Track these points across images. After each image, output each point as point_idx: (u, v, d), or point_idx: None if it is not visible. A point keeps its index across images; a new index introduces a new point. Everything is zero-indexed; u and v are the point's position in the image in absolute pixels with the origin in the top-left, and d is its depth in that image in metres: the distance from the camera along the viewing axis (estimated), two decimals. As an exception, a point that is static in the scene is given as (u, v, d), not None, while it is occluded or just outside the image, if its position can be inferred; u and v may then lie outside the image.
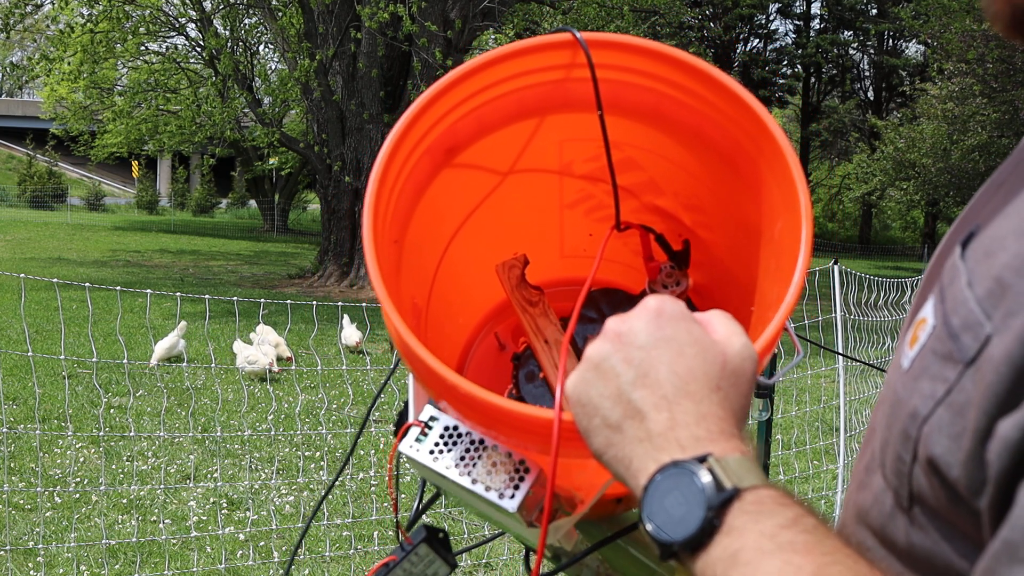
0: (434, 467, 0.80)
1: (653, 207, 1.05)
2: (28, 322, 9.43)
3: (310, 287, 15.43)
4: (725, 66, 36.02)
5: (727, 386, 0.63)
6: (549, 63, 0.93)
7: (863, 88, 43.25)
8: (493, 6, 14.67)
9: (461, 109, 0.93)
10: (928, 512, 0.55)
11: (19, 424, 6.12)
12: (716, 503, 0.56)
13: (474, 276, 1.10)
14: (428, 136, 0.93)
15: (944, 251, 0.63)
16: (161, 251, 21.16)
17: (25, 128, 41.73)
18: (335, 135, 15.48)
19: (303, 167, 28.94)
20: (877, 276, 6.44)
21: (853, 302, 5.49)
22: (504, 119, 0.98)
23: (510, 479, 0.79)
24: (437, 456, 0.81)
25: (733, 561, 0.54)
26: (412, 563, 0.87)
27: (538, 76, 0.94)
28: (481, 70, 0.91)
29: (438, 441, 0.82)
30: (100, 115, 25.59)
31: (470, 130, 0.96)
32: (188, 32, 19.46)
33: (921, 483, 0.55)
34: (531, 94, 0.95)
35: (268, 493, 5.15)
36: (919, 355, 0.56)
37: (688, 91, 0.91)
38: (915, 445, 0.55)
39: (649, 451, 0.61)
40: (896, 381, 0.58)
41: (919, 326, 0.57)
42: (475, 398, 0.76)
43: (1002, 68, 21.62)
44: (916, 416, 0.54)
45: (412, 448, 0.82)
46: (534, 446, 0.78)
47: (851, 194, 34.84)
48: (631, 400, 0.62)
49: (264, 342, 7.89)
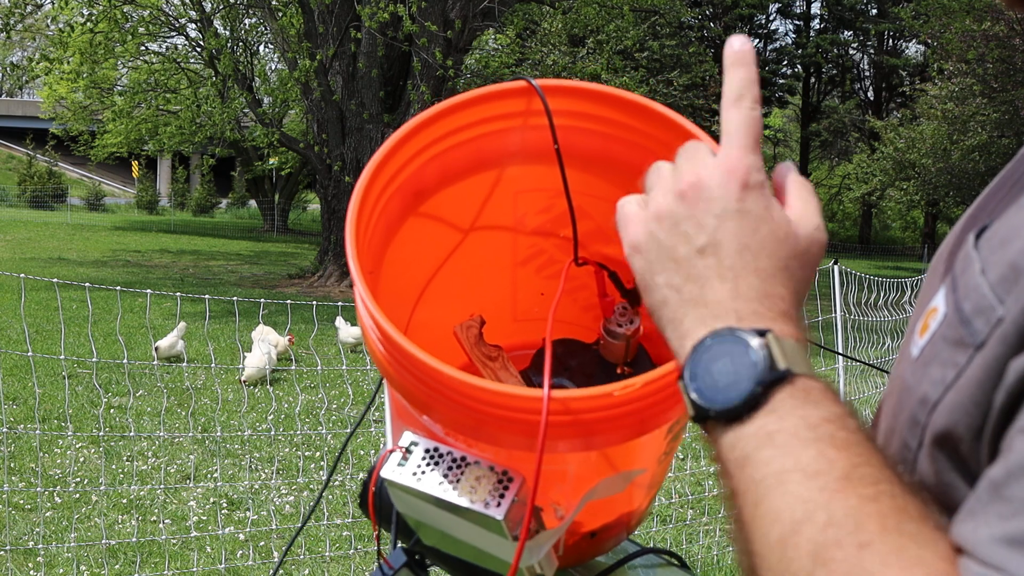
0: (418, 487, 0.80)
1: (602, 255, 1.06)
2: (28, 322, 9.43)
3: (310, 287, 15.43)
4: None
5: (795, 267, 0.61)
6: (506, 111, 0.96)
7: (863, 88, 43.25)
8: (493, 6, 14.67)
9: (427, 153, 0.95)
10: (931, 499, 0.54)
11: (19, 424, 6.12)
12: (767, 380, 0.55)
13: (435, 336, 1.10)
14: (399, 175, 0.94)
15: (954, 245, 0.63)
16: (161, 251, 21.16)
17: (25, 128, 41.72)
18: (335, 135, 15.48)
19: (303, 167, 28.93)
20: (877, 276, 6.44)
21: (853, 302, 5.49)
22: (465, 168, 1.00)
23: (494, 489, 0.79)
24: (420, 477, 0.81)
25: (768, 441, 0.53)
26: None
27: (496, 124, 0.97)
28: (442, 116, 0.94)
29: (419, 463, 0.82)
30: (100, 115, 25.60)
31: (435, 176, 0.98)
32: (188, 32, 19.46)
33: (925, 470, 0.55)
34: (489, 143, 0.98)
35: (268, 493, 5.15)
36: (929, 343, 0.56)
37: (636, 130, 0.94)
38: (923, 431, 0.55)
39: (704, 316, 0.59)
40: (905, 369, 0.58)
41: (930, 315, 0.57)
42: (460, 382, 0.75)
43: (1002, 68, 21.63)
44: (926, 402, 0.54)
45: (394, 472, 0.82)
46: (520, 439, 0.78)
47: (851, 194, 34.86)
48: (696, 265, 0.61)
49: (264, 341, 7.90)
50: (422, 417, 0.82)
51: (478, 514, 0.78)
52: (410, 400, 0.82)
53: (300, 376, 7.92)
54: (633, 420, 0.79)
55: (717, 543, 4.68)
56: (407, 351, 0.77)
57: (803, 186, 0.65)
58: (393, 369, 0.82)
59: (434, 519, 0.84)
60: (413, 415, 0.84)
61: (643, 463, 0.91)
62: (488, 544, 0.82)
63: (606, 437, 0.79)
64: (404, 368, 0.80)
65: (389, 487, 0.83)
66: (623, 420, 0.78)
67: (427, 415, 0.81)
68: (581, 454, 0.81)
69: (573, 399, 0.75)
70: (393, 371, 0.82)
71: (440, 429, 0.82)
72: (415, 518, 0.86)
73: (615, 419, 0.78)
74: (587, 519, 0.92)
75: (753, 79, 0.65)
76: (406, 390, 0.82)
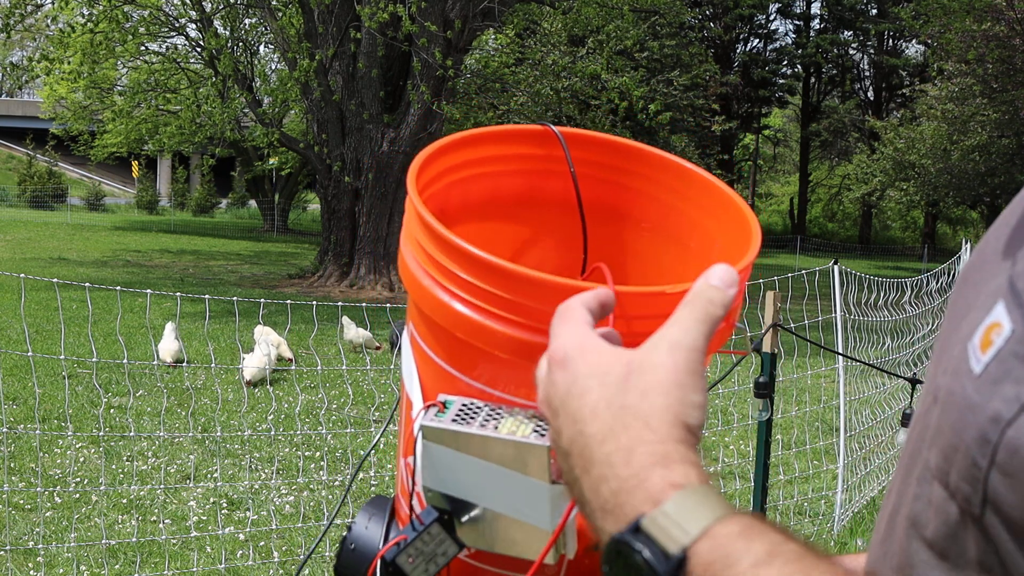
0: (459, 429, 0.81)
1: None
2: (28, 322, 9.42)
3: (310, 287, 15.43)
4: (725, 66, 36.04)
5: (636, 395, 0.58)
6: (523, 152, 1.03)
7: (863, 88, 43.26)
8: (493, 6, 14.67)
9: (452, 175, 1.01)
10: (1003, 518, 0.52)
11: (19, 424, 6.12)
12: (669, 571, 0.52)
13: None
14: (437, 181, 1.00)
15: (992, 243, 0.61)
16: (161, 251, 21.16)
17: (25, 128, 41.73)
18: (335, 135, 15.48)
19: (303, 167, 28.94)
20: (877, 276, 6.44)
21: (853, 302, 5.48)
22: (479, 205, 1.04)
23: (535, 429, 0.80)
24: (460, 424, 0.82)
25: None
26: (424, 542, 0.87)
27: (513, 164, 1.04)
28: (469, 143, 1.00)
29: (458, 413, 0.83)
30: (100, 115, 25.60)
31: (456, 202, 1.03)
32: (188, 32, 19.45)
33: (998, 489, 0.53)
34: (508, 181, 1.03)
35: (268, 493, 5.15)
36: (995, 359, 0.53)
37: (633, 173, 1.03)
38: (995, 449, 0.52)
39: (601, 515, 0.57)
40: (967, 386, 0.55)
41: (991, 331, 0.54)
42: (514, 272, 0.78)
43: (1002, 68, 21.62)
44: (999, 420, 0.52)
45: (433, 420, 0.83)
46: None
47: (851, 194, 34.86)
48: (571, 476, 0.60)
49: (265, 342, 7.90)
50: (462, 376, 0.85)
51: (522, 447, 0.79)
52: (458, 337, 0.84)
53: (300, 376, 7.92)
54: None
55: (717, 543, 4.67)
56: (452, 240, 0.81)
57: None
58: (442, 307, 0.84)
59: (467, 480, 0.84)
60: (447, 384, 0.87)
61: None
62: (525, 505, 0.82)
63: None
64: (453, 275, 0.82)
65: (425, 440, 0.83)
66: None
67: (470, 362, 0.85)
68: None
69: (627, 295, 0.77)
70: (441, 311, 0.84)
71: (482, 386, 0.85)
72: (442, 491, 0.86)
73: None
74: (586, 533, 0.93)
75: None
76: (455, 321, 0.83)
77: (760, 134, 43.70)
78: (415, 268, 0.87)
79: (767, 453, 3.69)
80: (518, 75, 18.90)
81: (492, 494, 0.84)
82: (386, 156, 15.12)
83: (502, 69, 20.10)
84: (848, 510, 5.13)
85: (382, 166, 15.13)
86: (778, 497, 5.24)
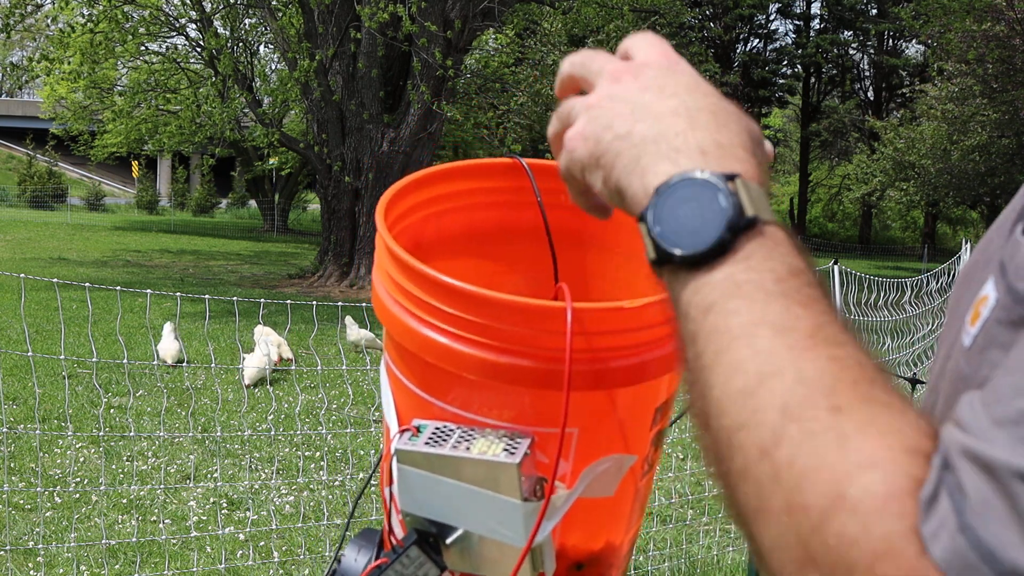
0: (432, 451, 0.83)
1: None
2: (28, 322, 9.42)
3: (310, 287, 15.43)
4: (725, 66, 36.04)
5: (747, 123, 0.60)
6: (494, 185, 1.06)
7: (863, 88, 43.26)
8: (493, 6, 14.67)
9: (427, 209, 1.03)
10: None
11: (19, 424, 6.12)
12: (737, 226, 0.52)
13: None
14: (411, 214, 1.02)
15: (994, 238, 0.61)
16: (161, 251, 21.16)
17: (25, 128, 41.72)
18: (335, 135, 15.48)
19: (303, 167, 28.93)
20: (877, 276, 6.44)
21: (853, 302, 5.49)
22: (453, 239, 1.08)
23: (505, 448, 0.82)
24: (432, 445, 0.84)
25: (735, 291, 0.51)
26: (404, 564, 0.88)
27: (485, 197, 1.07)
28: (441, 178, 1.03)
29: (431, 436, 0.85)
30: (100, 115, 25.59)
31: (431, 235, 1.06)
32: (188, 32, 19.44)
33: None
34: (480, 214, 1.07)
35: (268, 493, 5.15)
36: (983, 330, 0.54)
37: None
38: None
39: (665, 150, 0.56)
40: (960, 360, 0.56)
41: (980, 303, 0.55)
42: (478, 295, 0.81)
43: (1002, 68, 21.63)
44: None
45: (407, 444, 0.85)
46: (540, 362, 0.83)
47: (851, 194, 34.87)
48: (647, 104, 0.59)
49: (264, 342, 7.90)
50: (435, 401, 0.87)
51: (493, 465, 0.81)
52: (428, 362, 0.86)
53: (300, 376, 7.92)
54: (638, 350, 0.84)
55: (717, 543, 4.68)
56: (423, 272, 0.83)
57: None
58: (408, 332, 0.86)
59: (442, 502, 0.86)
60: (421, 409, 0.88)
61: (635, 447, 0.93)
62: (499, 524, 0.84)
63: (614, 369, 0.83)
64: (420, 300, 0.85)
65: (399, 464, 0.86)
66: (628, 351, 0.83)
67: (442, 387, 0.86)
68: (587, 414, 0.85)
69: (586, 311, 0.80)
70: (407, 335, 0.86)
71: (455, 409, 0.86)
72: (420, 514, 0.87)
73: (621, 347, 0.83)
74: (572, 544, 0.94)
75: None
76: (424, 346, 0.85)
77: (760, 134, 43.62)
78: (385, 297, 0.90)
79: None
80: (518, 75, 18.89)
81: (468, 515, 0.85)
82: (386, 156, 15.12)
83: (502, 69, 20.10)
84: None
85: (382, 166, 15.13)
86: (778, 497, 5.24)
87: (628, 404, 0.89)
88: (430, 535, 0.88)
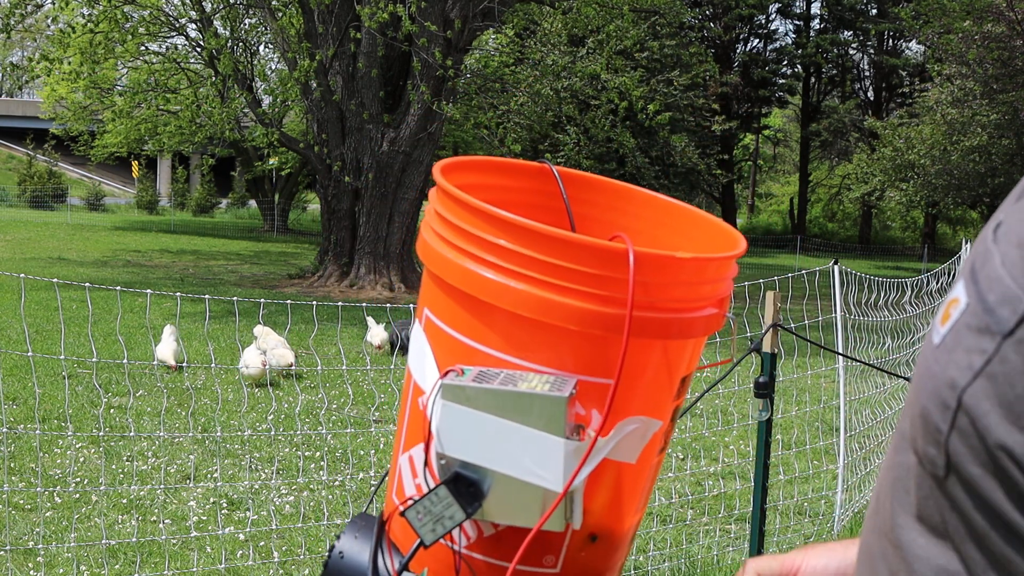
0: (481, 385, 0.86)
1: None
2: (28, 322, 9.42)
3: (310, 287, 15.43)
4: (725, 66, 36.03)
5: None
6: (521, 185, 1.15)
7: (863, 88, 43.24)
8: (493, 6, 14.66)
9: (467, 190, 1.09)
10: (962, 480, 0.55)
11: (19, 424, 6.12)
12: None
13: None
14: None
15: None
16: (161, 251, 21.16)
17: (25, 128, 41.71)
18: (335, 135, 15.47)
19: (303, 167, 28.91)
20: (877, 276, 6.44)
21: (853, 302, 5.48)
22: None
23: (551, 386, 0.85)
24: (481, 383, 0.87)
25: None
26: (432, 502, 0.90)
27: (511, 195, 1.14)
28: (482, 168, 1.12)
29: (477, 376, 0.88)
30: (100, 115, 25.57)
31: None
32: (188, 32, 19.43)
33: (958, 451, 0.55)
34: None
35: (268, 493, 5.15)
36: (952, 331, 0.57)
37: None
38: (954, 415, 0.55)
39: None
40: (929, 356, 0.59)
41: (951, 305, 0.58)
42: (544, 232, 0.85)
43: (1002, 70, 21.63)
44: (955, 386, 0.55)
45: (455, 380, 0.88)
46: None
47: (851, 194, 34.83)
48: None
49: (264, 342, 7.89)
50: (480, 346, 0.91)
51: (539, 399, 0.83)
52: (478, 298, 0.90)
53: (300, 376, 7.92)
54: (689, 305, 0.89)
55: (717, 543, 4.68)
56: (487, 210, 0.89)
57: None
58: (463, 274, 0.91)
59: (484, 441, 0.87)
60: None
61: (660, 413, 0.96)
62: (538, 466, 0.85)
63: (667, 321, 0.87)
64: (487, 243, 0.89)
65: (444, 400, 0.88)
66: (681, 304, 0.88)
67: (489, 333, 0.90)
68: (625, 366, 0.88)
69: (642, 253, 0.85)
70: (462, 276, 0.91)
71: (502, 354, 0.90)
72: (459, 456, 0.89)
73: (677, 299, 0.88)
74: (591, 510, 0.95)
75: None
76: (480, 287, 0.89)
77: (760, 134, 43.70)
78: (437, 243, 0.94)
79: (767, 453, 3.68)
80: (518, 75, 18.87)
81: (507, 455, 0.87)
82: (386, 156, 15.12)
83: (502, 69, 20.08)
84: (848, 510, 5.13)
85: (382, 166, 15.13)
86: (778, 497, 5.25)
87: (661, 364, 0.93)
88: (469, 480, 0.90)
